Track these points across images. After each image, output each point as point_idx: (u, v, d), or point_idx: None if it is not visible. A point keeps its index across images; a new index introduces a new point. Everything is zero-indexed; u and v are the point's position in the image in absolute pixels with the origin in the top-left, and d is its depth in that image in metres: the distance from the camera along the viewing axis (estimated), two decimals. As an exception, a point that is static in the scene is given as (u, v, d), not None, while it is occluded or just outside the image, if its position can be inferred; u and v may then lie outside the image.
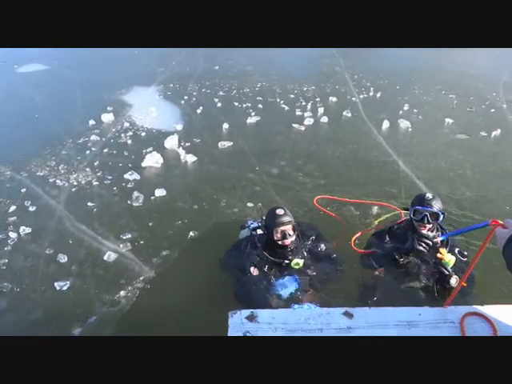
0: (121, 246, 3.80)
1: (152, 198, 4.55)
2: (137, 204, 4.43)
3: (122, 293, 3.28)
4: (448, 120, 6.45)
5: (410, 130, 6.23)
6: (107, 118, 6.52)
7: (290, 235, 2.95)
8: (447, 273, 2.64)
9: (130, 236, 3.93)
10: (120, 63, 9.79)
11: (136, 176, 4.92)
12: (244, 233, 3.47)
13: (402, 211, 3.65)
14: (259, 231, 3.22)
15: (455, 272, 2.69)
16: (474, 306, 2.03)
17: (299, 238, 3.09)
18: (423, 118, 6.65)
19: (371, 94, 7.67)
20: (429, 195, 2.96)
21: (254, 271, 2.97)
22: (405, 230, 3.10)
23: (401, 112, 6.80)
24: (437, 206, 2.91)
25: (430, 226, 2.90)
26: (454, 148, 5.67)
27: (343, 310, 2.02)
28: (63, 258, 3.64)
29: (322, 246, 3.19)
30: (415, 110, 6.86)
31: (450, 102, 7.29)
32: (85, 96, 7.56)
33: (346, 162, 5.30)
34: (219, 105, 7.18)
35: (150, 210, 4.36)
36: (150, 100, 7.35)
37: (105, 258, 3.65)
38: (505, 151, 5.55)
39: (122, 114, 6.74)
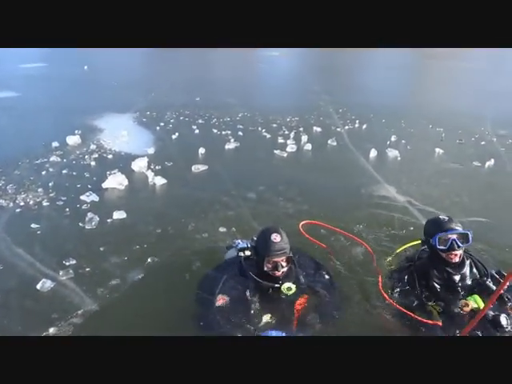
0: (61, 273, 3.11)
1: (109, 220, 3.91)
2: (89, 227, 3.78)
3: (52, 330, 2.57)
4: (438, 150, 6.09)
5: (399, 158, 5.83)
6: (73, 140, 5.98)
7: (282, 266, 2.48)
8: (491, 317, 2.29)
9: (74, 262, 3.25)
10: (95, 93, 9.44)
11: (94, 197, 4.30)
12: (231, 253, 2.96)
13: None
14: (247, 252, 2.71)
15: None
16: None
17: (294, 265, 2.62)
18: (412, 148, 6.28)
19: (357, 125, 7.35)
20: (444, 217, 2.57)
21: (219, 300, 2.46)
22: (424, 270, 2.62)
23: (388, 142, 6.44)
24: (458, 226, 2.50)
25: (460, 252, 2.49)
26: (447, 176, 5.24)
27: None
28: (-15, 287, 2.94)
29: (324, 275, 2.77)
30: (403, 141, 6.52)
31: (438, 134, 6.99)
32: (53, 120, 7.08)
33: (332, 188, 4.78)
34: (197, 131, 6.74)
35: (104, 233, 3.71)
36: (122, 125, 6.85)
37: (38, 287, 2.95)
38: (502, 180, 5.14)
39: (90, 138, 6.21)
